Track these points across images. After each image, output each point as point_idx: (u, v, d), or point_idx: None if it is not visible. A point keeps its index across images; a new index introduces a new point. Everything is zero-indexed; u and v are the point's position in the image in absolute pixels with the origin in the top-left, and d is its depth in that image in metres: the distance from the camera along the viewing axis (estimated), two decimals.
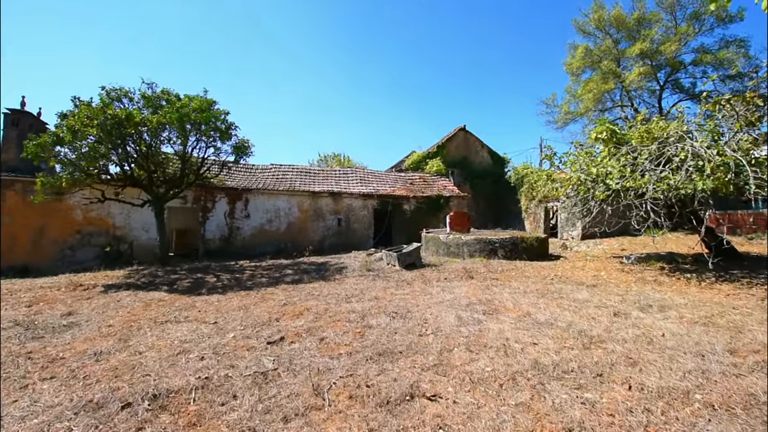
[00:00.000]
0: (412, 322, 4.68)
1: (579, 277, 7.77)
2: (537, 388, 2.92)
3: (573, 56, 23.57)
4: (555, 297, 5.94)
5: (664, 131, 7.71)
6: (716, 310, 5.08)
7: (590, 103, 23.06)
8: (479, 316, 4.87)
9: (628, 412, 2.57)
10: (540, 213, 18.17)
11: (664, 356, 3.49)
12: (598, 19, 22.19)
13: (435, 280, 7.54)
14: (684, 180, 6.59)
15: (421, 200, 16.84)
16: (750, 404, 2.64)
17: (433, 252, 11.58)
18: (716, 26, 20.12)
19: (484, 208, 22.18)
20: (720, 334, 4.11)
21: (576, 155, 9.31)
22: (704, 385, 2.93)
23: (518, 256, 10.21)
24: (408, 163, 21.74)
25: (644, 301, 5.59)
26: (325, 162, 37.23)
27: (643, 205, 7.16)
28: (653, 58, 20.71)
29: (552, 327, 4.39)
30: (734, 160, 6.34)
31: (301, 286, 7.27)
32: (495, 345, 3.82)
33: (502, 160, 23.38)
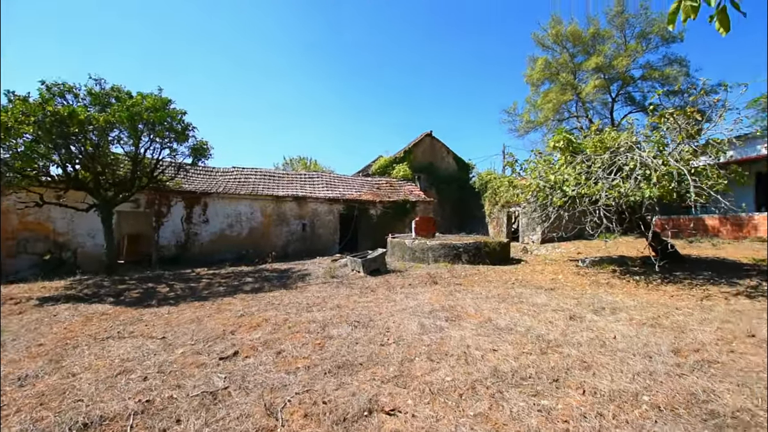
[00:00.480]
0: (374, 331, 4.59)
1: (538, 281, 8.00)
2: (496, 396, 2.91)
3: (533, 68, 24.61)
4: (515, 302, 6.06)
5: (615, 141, 8.14)
6: (662, 311, 5.37)
7: (549, 112, 24.14)
8: (442, 323, 4.86)
9: (582, 417, 2.61)
10: (503, 218, 18.70)
11: (616, 359, 3.61)
12: (555, 34, 23.34)
13: (399, 287, 7.50)
14: (633, 188, 6.96)
15: (387, 205, 16.84)
16: (691, 403, 2.76)
17: (399, 257, 11.57)
18: (661, 45, 21.78)
19: (449, 213, 22.55)
20: (665, 334, 4.32)
21: (535, 162, 9.64)
22: (651, 386, 3.04)
23: (481, 261, 10.40)
24: (375, 168, 21.72)
25: (598, 304, 5.82)
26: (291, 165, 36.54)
27: (596, 211, 7.50)
28: (607, 71, 22.03)
29: (512, 332, 4.45)
30: (677, 169, 6.79)
31: (260, 295, 6.98)
32: (456, 353, 3.80)
33: (467, 166, 23.92)
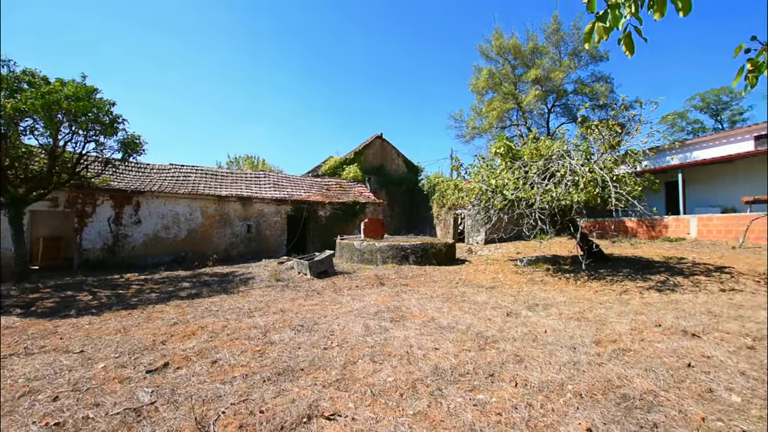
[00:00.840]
0: (318, 334, 4.51)
1: (480, 280, 8.37)
2: (435, 394, 2.99)
3: (478, 78, 25.77)
4: (458, 301, 6.28)
5: (549, 149, 8.77)
6: (587, 305, 5.86)
7: (493, 120, 25.40)
8: (386, 324, 4.90)
9: (514, 408, 2.76)
10: (450, 220, 19.36)
11: (546, 351, 3.87)
12: (498, 46, 24.65)
13: (346, 289, 7.46)
14: (564, 193, 7.55)
15: (337, 206, 16.70)
16: (607, 389, 3.03)
17: (348, 259, 11.52)
18: (590, 63, 23.88)
19: (399, 214, 22.90)
20: (589, 327, 4.72)
21: (479, 167, 10.10)
22: (575, 375, 3.30)
23: (428, 262, 10.67)
24: (325, 169, 21.46)
25: (532, 301, 6.21)
26: (236, 164, 34.95)
27: (532, 214, 8.02)
28: (544, 84, 23.68)
29: (453, 331, 4.61)
30: (601, 176, 7.47)
31: (198, 301, 6.58)
32: (399, 353, 3.85)
33: (417, 168, 24.46)
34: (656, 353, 3.76)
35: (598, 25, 1.82)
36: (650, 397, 2.86)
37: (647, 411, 2.67)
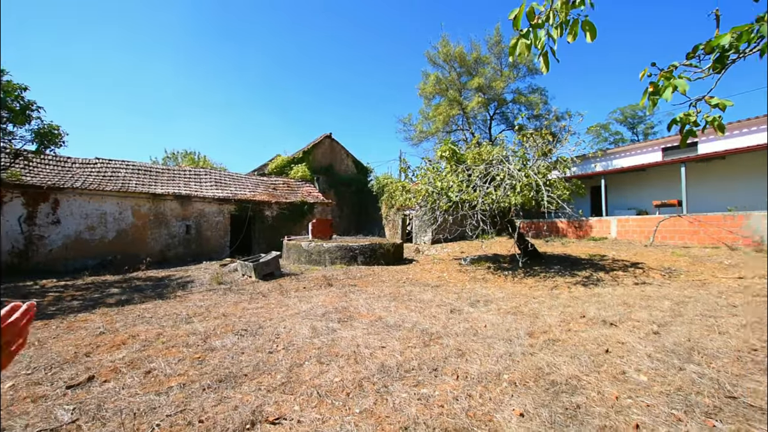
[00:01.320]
0: (263, 338, 4.39)
1: (426, 279, 8.64)
2: (381, 391, 3.05)
3: (425, 83, 26.54)
4: (405, 299, 6.44)
5: (490, 155, 9.29)
6: (523, 300, 6.30)
7: (440, 124, 26.27)
8: (334, 324, 4.89)
9: (455, 400, 2.90)
10: (398, 220, 19.69)
11: (485, 345, 4.11)
12: (445, 54, 25.56)
13: (293, 290, 7.31)
14: (503, 195, 8.04)
15: (284, 206, 16.27)
16: (538, 377, 3.29)
17: (295, 260, 11.28)
18: (527, 75, 25.60)
19: (348, 215, 22.85)
20: (524, 320, 5.08)
21: (426, 170, 10.41)
22: (510, 366, 3.54)
23: (377, 262, 10.78)
24: (272, 167, 20.78)
25: (474, 298, 6.54)
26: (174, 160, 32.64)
27: (475, 215, 8.45)
28: (486, 92, 24.95)
29: (400, 329, 4.72)
30: (535, 181, 8.06)
31: (129, 308, 6.07)
32: (346, 353, 3.87)
33: (366, 169, 24.57)
34: (580, 342, 4.16)
35: (522, 41, 2.00)
36: (574, 382, 3.16)
37: (571, 394, 2.95)
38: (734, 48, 2.04)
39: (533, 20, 1.99)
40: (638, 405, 2.75)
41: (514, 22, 1.99)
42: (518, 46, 2.03)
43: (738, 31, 2.07)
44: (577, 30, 1.93)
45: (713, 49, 2.11)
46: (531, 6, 1.97)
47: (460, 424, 2.54)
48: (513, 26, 2.02)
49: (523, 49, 2.01)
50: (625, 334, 4.37)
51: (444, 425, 2.53)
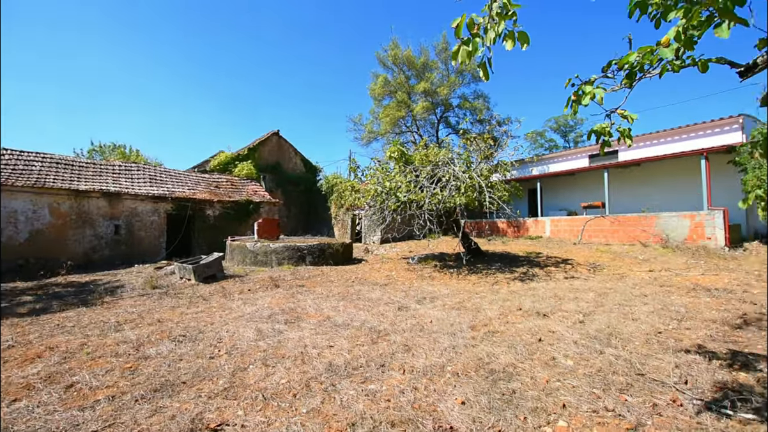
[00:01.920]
0: (204, 343, 4.17)
1: (375, 278, 8.73)
2: (329, 390, 3.05)
3: (375, 83, 26.77)
4: (354, 299, 6.46)
5: (437, 157, 9.62)
6: (466, 296, 6.61)
7: (389, 125, 26.64)
8: (281, 326, 4.79)
9: (401, 393, 2.98)
10: (347, 220, 19.63)
11: (430, 339, 4.26)
12: (394, 56, 25.98)
13: (237, 293, 7.02)
14: (448, 196, 8.37)
15: (227, 205, 15.51)
16: (479, 366, 3.49)
17: (239, 261, 10.82)
18: (472, 82, 26.78)
19: (296, 214, 22.34)
20: (467, 315, 5.33)
21: (375, 170, 10.52)
22: (454, 358, 3.71)
23: (325, 262, 10.68)
24: (214, 164, 19.68)
25: (421, 295, 6.74)
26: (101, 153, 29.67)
27: (422, 215, 8.70)
28: (433, 96, 25.73)
29: (348, 328, 4.73)
30: (478, 183, 8.49)
31: (45, 318, 5.44)
32: (293, 354, 3.80)
33: (315, 168, 24.17)
34: (517, 332, 4.46)
35: (463, 48, 2.13)
36: (511, 369, 3.39)
37: (508, 381, 3.17)
38: (640, 66, 2.34)
39: (473, 30, 2.12)
40: (565, 387, 3.03)
41: (456, 30, 2.11)
42: (460, 53, 2.15)
43: (643, 52, 2.37)
44: (514, 40, 2.10)
45: (624, 66, 2.39)
46: (471, 17, 2.10)
47: (406, 416, 2.62)
48: (455, 35, 2.14)
49: (465, 56, 2.14)
50: (555, 323, 4.76)
51: (390, 418, 2.60)
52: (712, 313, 5.11)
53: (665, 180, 14.67)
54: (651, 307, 5.43)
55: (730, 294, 6.15)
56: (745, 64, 2.49)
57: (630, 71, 2.44)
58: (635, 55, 2.36)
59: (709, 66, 2.38)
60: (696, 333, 4.30)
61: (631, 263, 9.69)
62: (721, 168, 12.20)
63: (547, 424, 2.51)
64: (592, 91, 2.43)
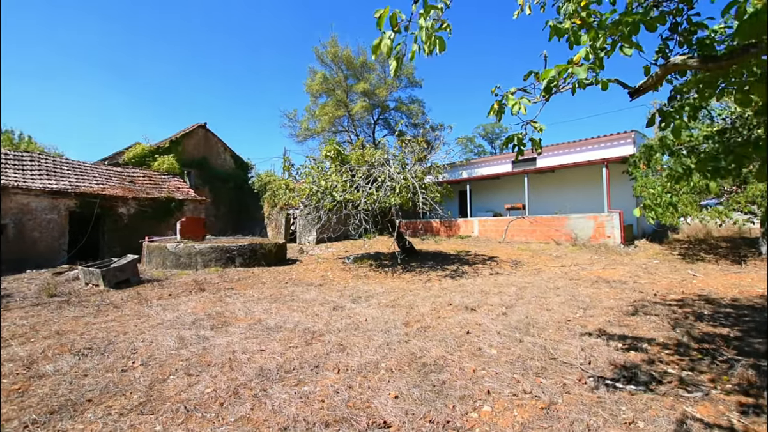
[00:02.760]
0: (115, 356, 3.74)
1: (310, 279, 8.56)
2: (259, 395, 2.92)
3: (313, 80, 26.21)
4: (287, 300, 6.27)
5: (373, 157, 9.72)
6: (400, 294, 6.77)
7: (326, 123, 26.27)
8: (206, 332, 4.47)
9: (335, 393, 2.96)
10: (281, 220, 18.99)
11: (365, 337, 4.29)
12: (333, 54, 25.68)
13: (156, 298, 6.41)
14: (384, 196, 8.51)
15: (144, 203, 14.08)
16: (412, 361, 3.59)
17: (159, 264, 9.89)
18: (408, 86, 27.53)
19: (225, 214, 21.05)
20: (401, 312, 5.47)
21: (310, 168, 10.32)
22: (388, 354, 3.78)
23: (257, 263, 10.21)
24: (129, 157, 17.71)
25: (356, 294, 6.76)
26: None
27: (358, 215, 8.73)
28: (371, 97, 25.94)
29: (281, 330, 4.58)
30: (413, 184, 8.75)
31: None
32: (220, 361, 3.58)
33: (246, 165, 22.98)
34: (447, 326, 4.68)
35: (385, 42, 2.18)
36: (441, 361, 3.55)
37: (439, 372, 3.31)
38: (555, 81, 2.60)
39: (395, 26, 2.18)
40: (490, 374, 3.25)
41: (378, 21, 2.14)
42: (381, 46, 2.19)
43: (560, 69, 2.64)
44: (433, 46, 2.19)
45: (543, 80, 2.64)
46: (394, 12, 2.15)
47: (340, 415, 2.61)
48: (377, 25, 2.17)
49: (385, 50, 2.18)
50: (482, 316, 5.09)
51: (324, 419, 2.57)
52: (610, 301, 5.85)
53: (575, 185, 16.46)
54: (562, 298, 6.06)
55: (624, 285, 7.10)
56: (634, 86, 2.90)
57: (547, 85, 2.70)
58: (553, 71, 2.62)
59: (608, 85, 2.73)
60: (597, 319, 4.89)
61: (546, 259, 10.71)
62: (618, 176, 14.02)
63: (473, 410, 2.67)
64: (518, 101, 2.64)
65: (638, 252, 11.58)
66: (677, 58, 2.62)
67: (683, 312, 5.14)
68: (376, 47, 2.23)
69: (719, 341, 3.95)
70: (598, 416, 2.55)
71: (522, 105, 2.59)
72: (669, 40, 3.02)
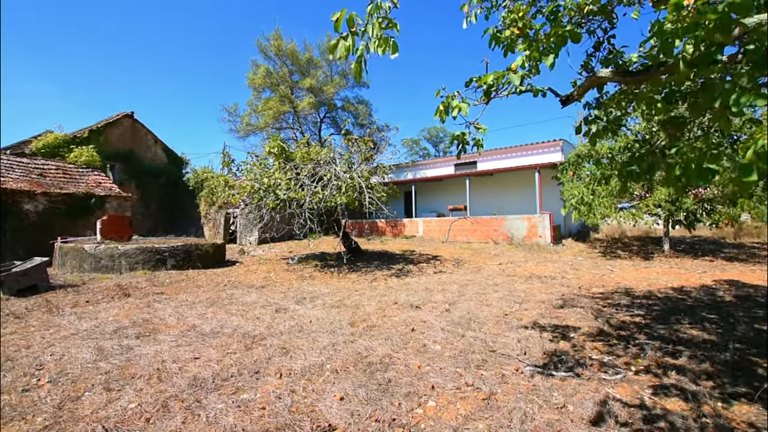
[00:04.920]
0: (13, 374, 3.24)
1: (251, 281, 8.16)
2: (192, 407, 2.69)
3: (255, 73, 25.08)
4: (225, 304, 5.90)
5: (318, 155, 9.53)
6: (346, 294, 6.69)
7: (269, 119, 25.27)
8: (130, 341, 4.05)
9: (278, 399, 2.82)
10: (220, 219, 17.92)
11: (310, 339, 4.16)
12: (277, 47, 24.79)
13: (69, 306, 5.69)
14: (330, 195, 8.37)
15: (57, 199, 12.46)
16: (357, 361, 3.55)
17: (75, 267, 8.81)
18: (355, 86, 27.44)
19: (156, 212, 19.38)
20: (346, 312, 5.39)
21: (252, 165, 9.85)
22: (333, 355, 3.69)
23: (192, 265, 9.51)
24: (38, 147, 15.55)
25: (301, 295, 6.56)
26: None
27: (303, 214, 8.50)
28: (317, 95, 25.45)
29: (218, 336, 4.29)
30: (359, 183, 8.71)
31: None
32: (147, 372, 3.25)
33: (181, 160, 21.34)
34: (393, 325, 4.71)
35: (342, 43, 2.14)
36: (387, 360, 3.55)
37: (384, 371, 3.30)
38: (494, 86, 2.72)
39: (352, 28, 2.14)
40: (434, 370, 3.31)
41: (336, 24, 2.09)
42: (339, 48, 2.15)
43: (497, 75, 2.77)
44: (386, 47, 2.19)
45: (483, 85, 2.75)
46: (351, 15, 2.12)
47: (282, 422, 2.49)
48: (334, 28, 2.13)
49: (343, 52, 2.15)
50: (426, 314, 5.19)
51: (265, 427, 2.43)
52: (542, 295, 6.29)
53: (512, 188, 17.55)
54: (500, 294, 6.39)
55: (553, 280, 7.68)
56: (565, 95, 3.13)
57: (487, 90, 2.82)
58: (491, 77, 2.73)
59: (540, 92, 2.91)
60: (531, 312, 5.22)
61: (486, 258, 11.27)
62: (548, 180, 15.19)
63: (418, 406, 2.70)
64: (458, 104, 2.72)
65: (565, 250, 12.63)
66: (601, 71, 2.86)
67: (604, 303, 5.68)
68: (332, 47, 2.16)
69: (633, 328, 4.41)
70: (534, 403, 2.70)
71: (464, 107, 2.68)
72: (592, 57, 3.31)
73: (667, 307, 5.43)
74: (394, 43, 2.23)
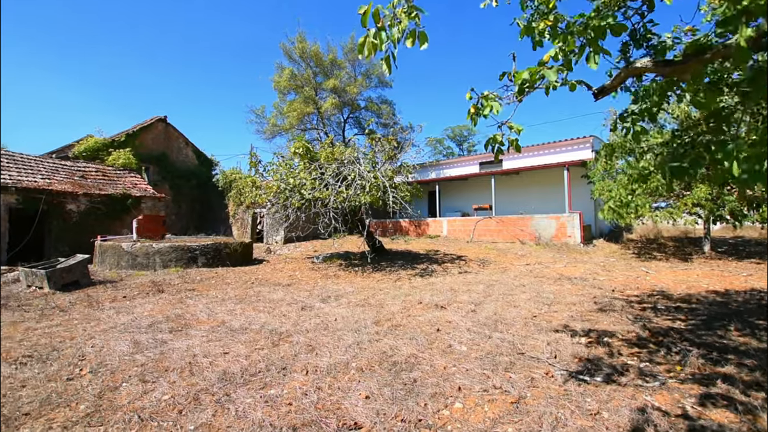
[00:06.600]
0: (59, 363, 3.43)
1: (277, 279, 8.31)
2: (222, 401, 2.76)
3: (280, 76, 25.58)
4: (253, 301, 6.03)
5: (343, 155, 9.59)
6: (370, 293, 6.70)
7: (294, 120, 25.71)
8: (164, 335, 4.20)
9: (304, 395, 2.85)
10: (248, 219, 18.39)
11: (335, 337, 4.19)
12: (301, 50, 25.18)
13: (108, 301, 5.98)
14: (354, 195, 8.41)
15: (97, 200, 13.16)
16: (383, 360, 3.54)
17: (113, 265, 9.26)
18: (378, 86, 27.48)
19: (187, 212, 20.12)
20: (371, 311, 5.40)
21: (278, 165, 10.03)
22: (358, 354, 3.70)
23: (221, 263, 9.80)
24: (80, 150, 16.50)
25: (326, 293, 6.62)
26: None
27: (327, 213, 8.58)
28: (341, 95, 25.67)
29: (246, 332, 4.38)
30: (383, 182, 8.71)
31: None
32: (179, 366, 3.36)
33: (210, 161, 22.06)
34: (418, 324, 4.67)
35: (369, 40, 2.13)
36: (412, 359, 3.51)
37: (410, 371, 3.27)
38: (530, 83, 2.63)
39: (379, 22, 2.12)
40: (460, 371, 3.25)
41: (363, 18, 2.08)
42: (366, 45, 2.13)
43: (531, 71, 2.67)
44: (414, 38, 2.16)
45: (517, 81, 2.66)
46: (377, 8, 2.10)
47: (309, 418, 2.51)
48: (361, 23, 2.11)
49: (371, 48, 2.13)
50: (451, 314, 5.12)
51: (292, 423, 2.46)
52: (572, 297, 6.07)
53: (539, 186, 17.07)
54: (528, 295, 6.22)
55: (584, 281, 7.41)
56: (598, 87, 3.00)
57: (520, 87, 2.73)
58: (526, 73, 2.64)
59: (576, 86, 2.79)
60: (561, 315, 5.05)
61: (512, 258, 11.01)
62: (578, 178, 14.68)
63: (445, 407, 2.65)
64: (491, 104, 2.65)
65: (596, 251, 12.16)
66: (638, 61, 2.72)
67: (640, 306, 5.42)
68: (361, 45, 2.15)
69: (673, 334, 4.18)
70: (565, 408, 2.60)
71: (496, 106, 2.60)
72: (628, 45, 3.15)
73: (710, 311, 5.11)
74: (422, 34, 2.19)
